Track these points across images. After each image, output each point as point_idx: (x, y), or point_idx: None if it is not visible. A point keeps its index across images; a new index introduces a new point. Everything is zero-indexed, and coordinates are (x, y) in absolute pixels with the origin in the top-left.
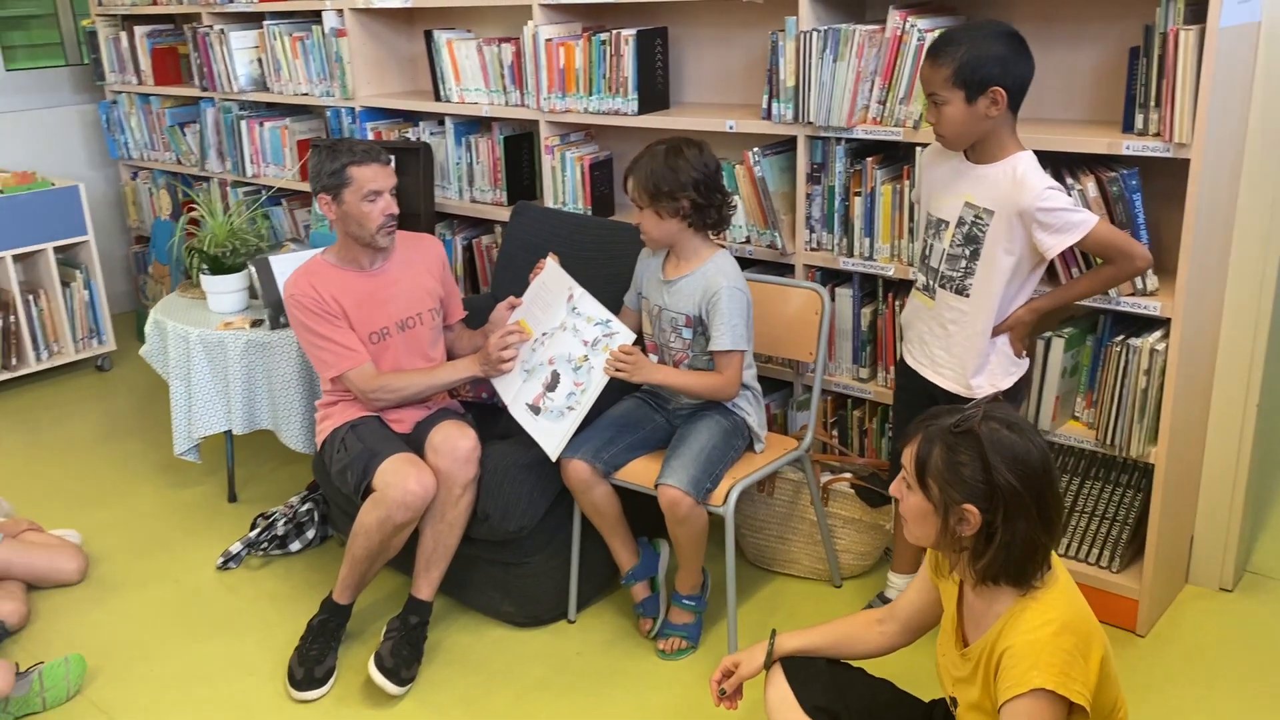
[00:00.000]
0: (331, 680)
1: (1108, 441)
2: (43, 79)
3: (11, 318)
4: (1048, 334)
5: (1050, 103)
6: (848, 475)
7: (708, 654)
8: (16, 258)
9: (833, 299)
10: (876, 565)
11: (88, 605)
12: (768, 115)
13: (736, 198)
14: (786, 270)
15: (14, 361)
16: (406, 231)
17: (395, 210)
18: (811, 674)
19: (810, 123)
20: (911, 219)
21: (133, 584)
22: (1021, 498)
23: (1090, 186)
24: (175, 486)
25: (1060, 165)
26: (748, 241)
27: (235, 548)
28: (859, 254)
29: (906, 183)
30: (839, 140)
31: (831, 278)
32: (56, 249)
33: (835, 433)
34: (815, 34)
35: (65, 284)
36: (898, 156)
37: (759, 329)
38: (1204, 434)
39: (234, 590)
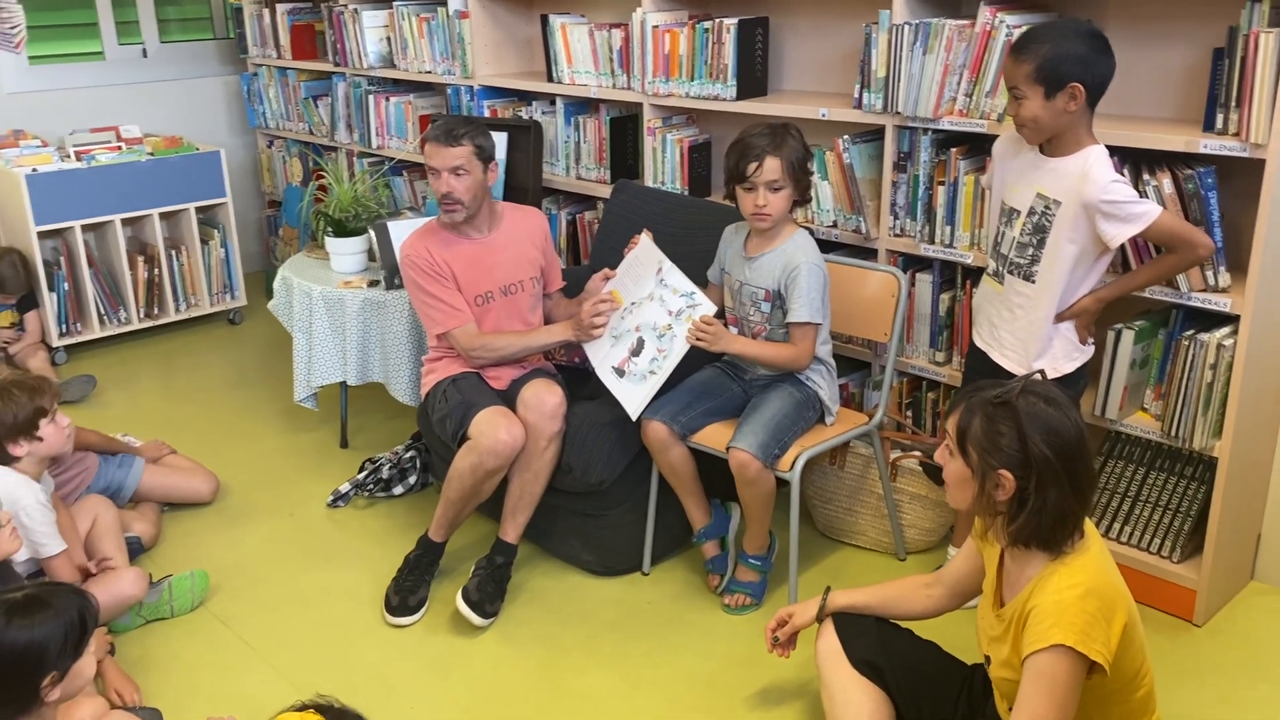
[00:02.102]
0: (423, 609)
1: (1172, 433)
2: (192, 51)
3: (156, 270)
4: (1119, 325)
5: (1139, 100)
6: (917, 453)
7: (770, 611)
8: (162, 215)
9: (913, 284)
10: (941, 541)
11: (213, 530)
12: (859, 105)
13: (825, 183)
14: (869, 254)
15: (156, 311)
16: (513, 204)
17: (454, 190)
18: (860, 630)
19: (899, 113)
20: None
21: (253, 515)
22: (1054, 467)
23: (1166, 183)
24: (294, 431)
25: (1140, 161)
26: (834, 225)
27: (344, 488)
28: (940, 241)
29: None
30: (925, 130)
31: (913, 263)
32: (198, 209)
33: (909, 413)
34: (907, 27)
35: (204, 242)
36: (981, 148)
37: (837, 308)
38: (1276, 432)
39: (341, 526)
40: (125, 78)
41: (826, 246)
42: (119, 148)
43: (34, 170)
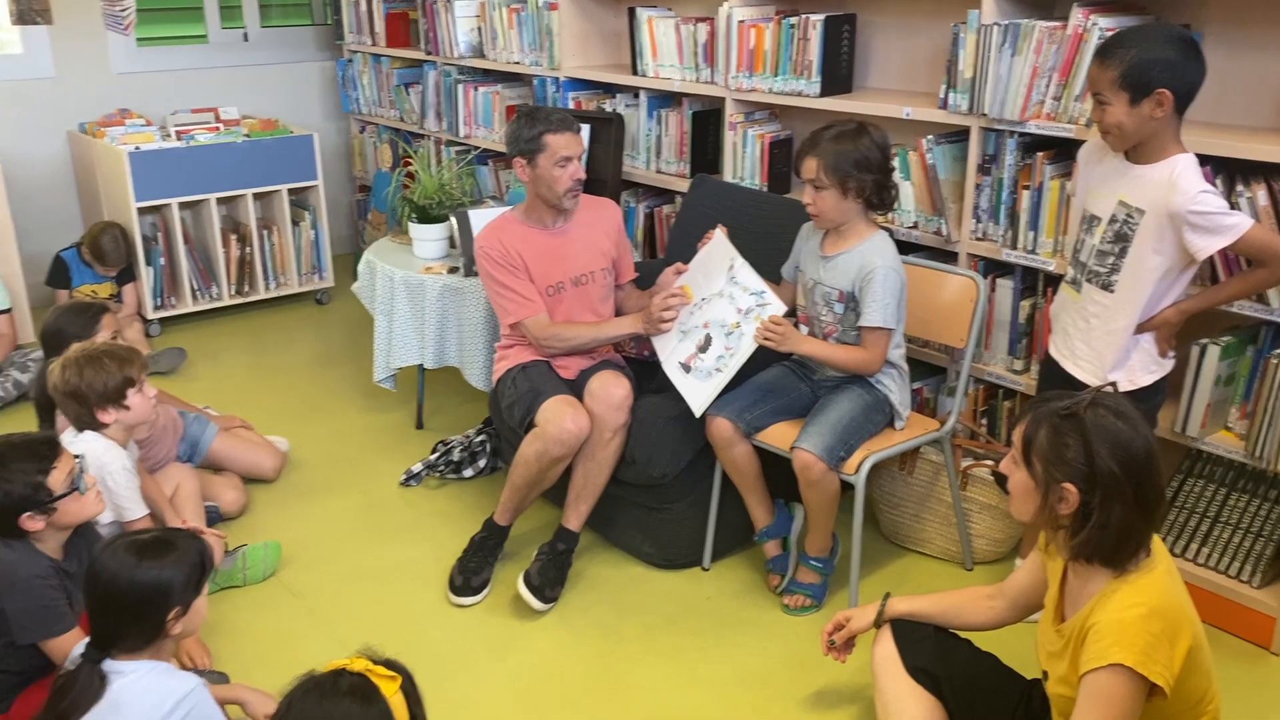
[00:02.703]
0: (486, 590)
1: (1257, 454)
2: (291, 36)
3: (248, 249)
4: (1204, 340)
5: (1236, 108)
6: (989, 462)
7: (829, 614)
8: (256, 196)
9: (992, 290)
10: (1010, 553)
11: (288, 503)
12: (944, 105)
13: (907, 183)
14: (950, 257)
15: (246, 288)
16: (588, 195)
17: (582, 176)
18: (918, 638)
19: (984, 114)
20: None
21: (327, 489)
22: (1121, 483)
23: (1260, 195)
24: (372, 410)
25: (1235, 172)
26: (915, 227)
27: (416, 468)
28: (1022, 246)
29: (1074, 180)
30: (1011, 133)
31: (993, 268)
32: (290, 191)
33: (984, 421)
34: (996, 27)
35: (295, 223)
36: (1069, 153)
37: (913, 311)
38: None
39: (411, 505)
40: (226, 60)
41: (906, 248)
42: (217, 128)
43: (137, 148)
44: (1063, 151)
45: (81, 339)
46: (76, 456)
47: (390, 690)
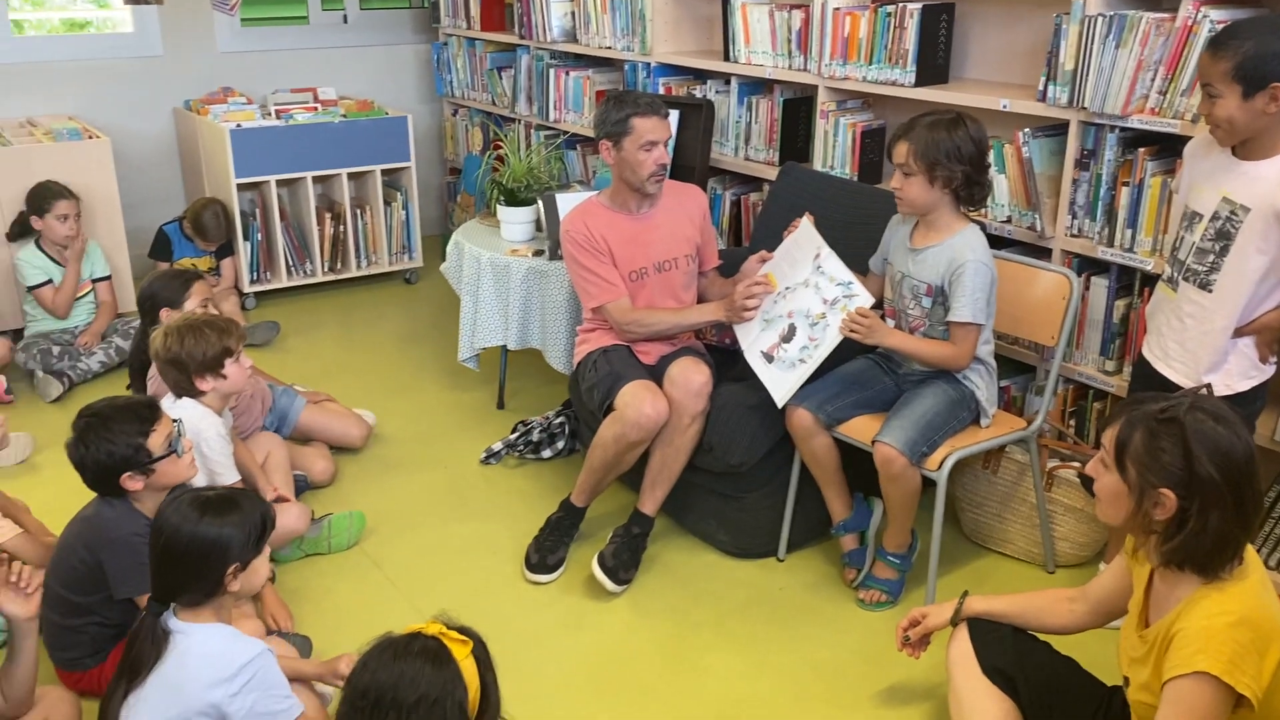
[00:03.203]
0: (561, 569)
1: None
2: (389, 19)
3: (341, 228)
4: None
5: None
6: (1076, 464)
7: (905, 611)
8: (350, 175)
9: (1086, 288)
10: (1094, 557)
11: (373, 475)
12: (1043, 97)
13: (1001, 177)
14: (1043, 254)
15: (339, 266)
16: (674, 181)
17: (667, 161)
18: (995, 637)
19: (1085, 108)
20: None
21: (410, 464)
22: (1220, 490)
23: None
24: (455, 389)
25: None
26: (1008, 221)
27: (496, 447)
28: (1119, 245)
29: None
30: (1112, 128)
31: (1088, 266)
32: (383, 171)
33: (1073, 422)
34: (1100, 19)
35: (387, 203)
36: (1173, 149)
37: (1004, 307)
38: None
39: (491, 482)
40: (326, 42)
41: (998, 243)
42: (315, 108)
43: (238, 126)
44: (1166, 148)
45: (172, 304)
46: (175, 421)
47: (462, 654)
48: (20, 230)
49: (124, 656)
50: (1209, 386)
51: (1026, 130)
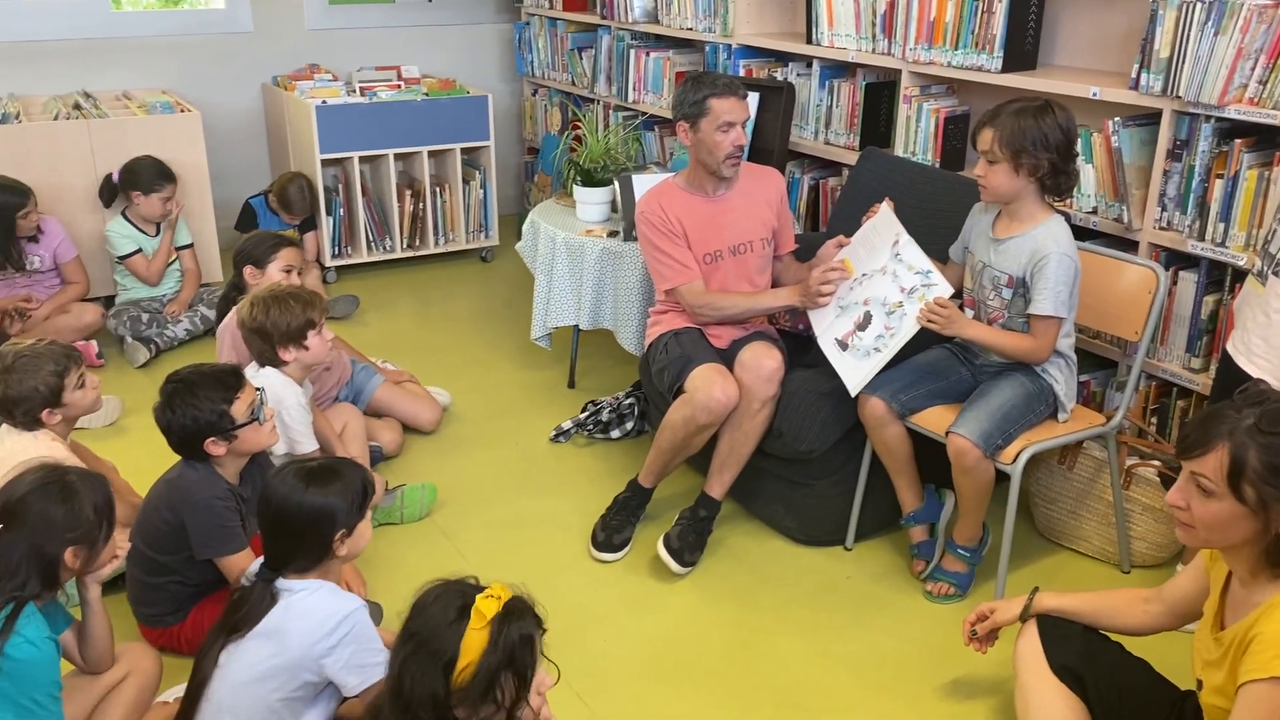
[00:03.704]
0: (626, 549)
1: None
2: None
3: (421, 205)
4: None
5: None
6: (1157, 463)
7: (972, 605)
8: (431, 153)
9: (1174, 282)
10: (1171, 559)
11: (445, 449)
12: (1135, 85)
13: (1088, 167)
14: (1130, 246)
15: (417, 242)
16: (752, 164)
17: (744, 142)
18: (1064, 635)
19: (1179, 97)
20: None
21: (482, 439)
22: None
23: None
24: (527, 367)
25: None
26: (1094, 212)
27: (566, 425)
28: (1210, 239)
29: (1278, 169)
30: (1208, 118)
31: (1176, 260)
32: (463, 150)
33: (1154, 420)
34: (1199, 4)
35: (466, 182)
36: (1271, 141)
37: (1086, 300)
38: None
39: (560, 460)
40: (411, 20)
41: (1083, 234)
42: (399, 86)
43: (323, 102)
44: (1264, 139)
45: (258, 263)
46: (257, 389)
47: (478, 624)
48: (111, 197)
49: (227, 614)
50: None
51: (1116, 119)
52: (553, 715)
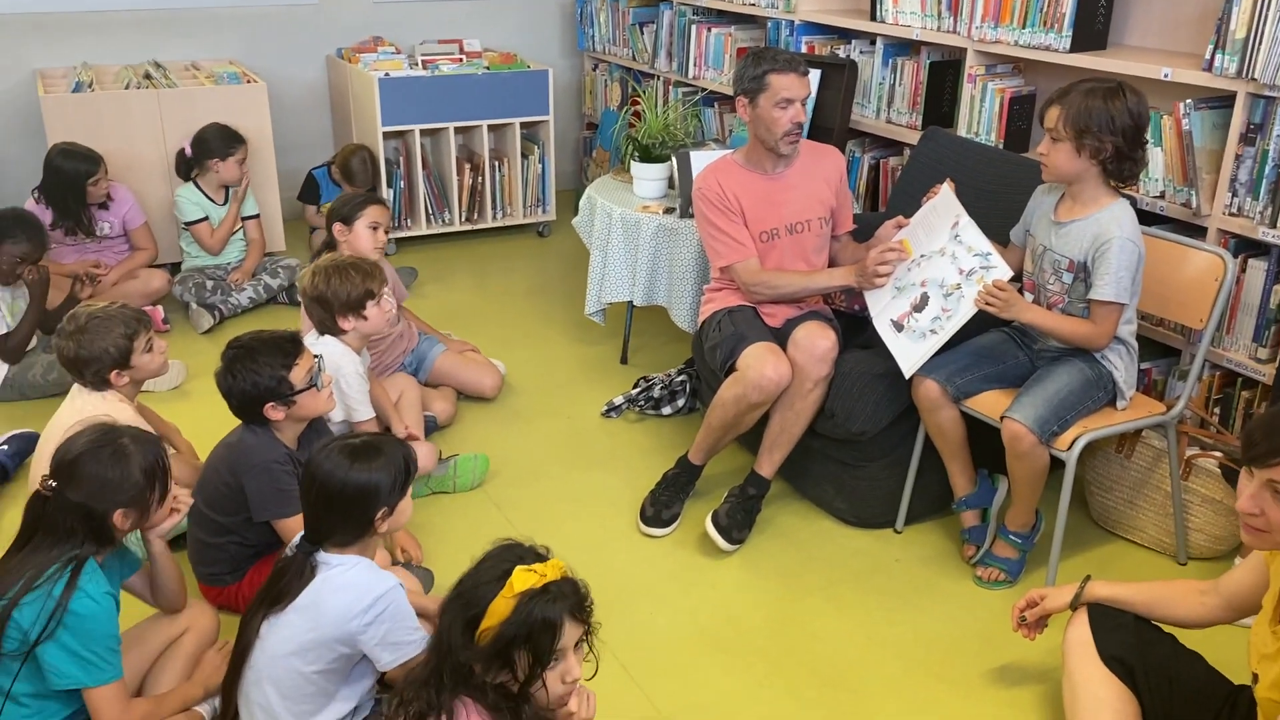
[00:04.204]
0: (675, 524)
1: None
2: None
3: (479, 179)
4: None
5: None
6: (1218, 454)
7: (1023, 592)
8: (490, 127)
9: (1242, 270)
10: (1229, 552)
11: (498, 421)
12: (1208, 67)
13: (1157, 150)
14: (1197, 232)
15: (475, 216)
16: (812, 141)
17: (802, 120)
18: (1115, 625)
19: (1254, 79)
20: None
21: (534, 412)
22: None
23: None
24: (581, 342)
25: None
26: (1161, 196)
27: (618, 401)
28: None
29: None
30: None
31: (1246, 247)
32: (522, 124)
33: (1217, 411)
34: None
35: (524, 156)
36: None
37: (1150, 287)
38: None
39: (611, 435)
40: None
41: (1149, 219)
42: (460, 60)
43: (386, 75)
44: None
45: (346, 220)
46: (316, 357)
47: (507, 592)
48: (188, 171)
49: (269, 584)
50: None
51: (1188, 101)
52: (587, 712)
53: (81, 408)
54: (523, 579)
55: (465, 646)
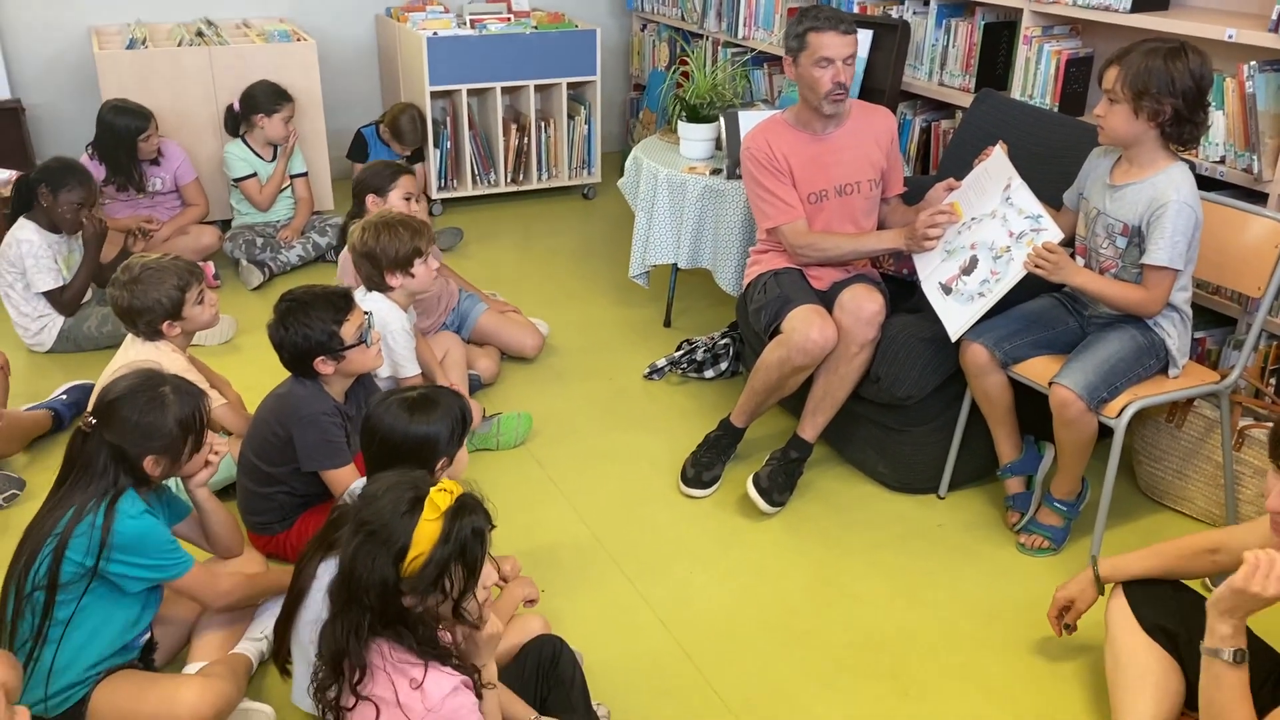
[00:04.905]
0: (715, 486)
1: None
2: None
3: (526, 140)
4: None
5: None
6: (1271, 424)
7: (1067, 561)
8: (537, 88)
9: None
10: None
11: (541, 381)
12: (1275, 28)
13: (1219, 113)
14: (1259, 199)
15: (521, 178)
16: (863, 102)
17: (845, 79)
18: (1156, 595)
19: None
20: None
21: (578, 373)
22: None
23: None
24: (624, 304)
25: None
26: (1222, 161)
27: (660, 363)
28: None
29: None
30: None
31: None
32: (569, 85)
33: (1273, 381)
34: None
35: (570, 117)
36: None
37: (1207, 254)
38: None
39: (653, 397)
40: None
41: (1208, 184)
42: (508, 19)
43: (434, 34)
44: None
45: (379, 191)
46: (365, 313)
47: (431, 514)
48: (235, 126)
49: (325, 530)
50: None
51: (1252, 63)
52: (494, 615)
53: (135, 358)
54: (442, 499)
55: (398, 582)
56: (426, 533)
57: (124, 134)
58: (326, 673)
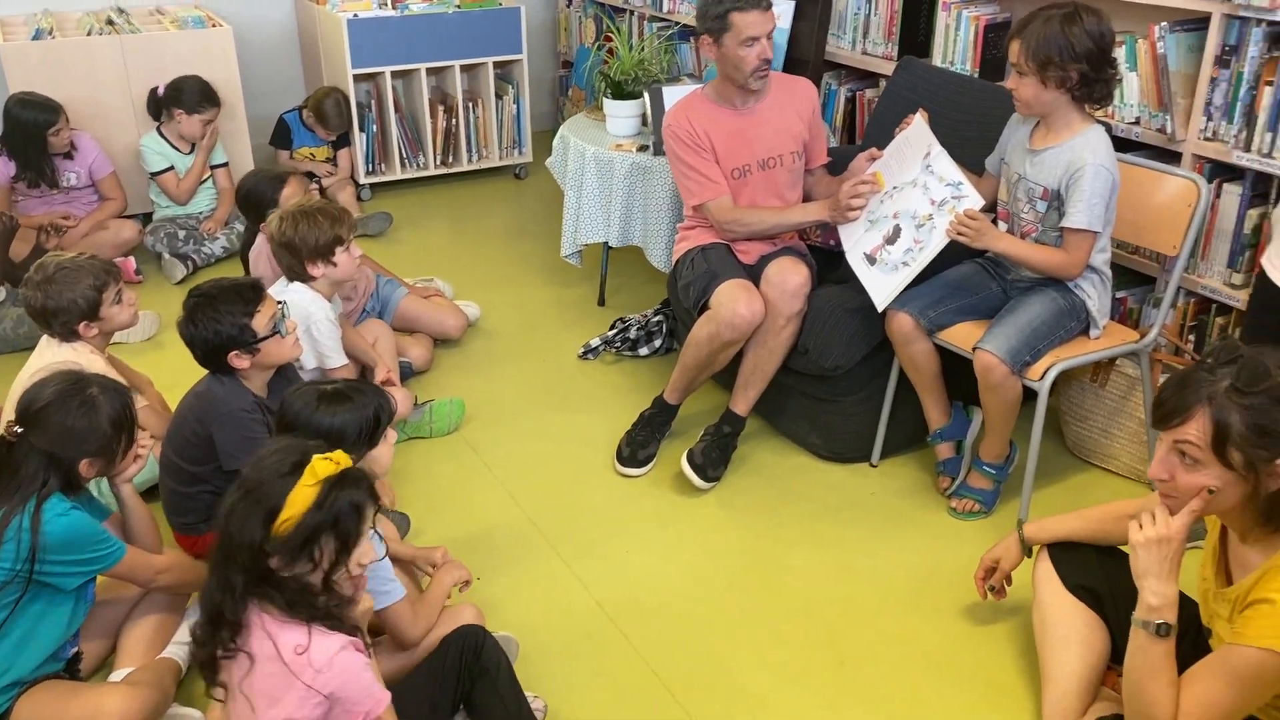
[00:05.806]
0: (651, 464)
1: None
2: None
3: (454, 121)
4: None
5: None
6: None
7: (998, 522)
8: (463, 68)
9: (1217, 195)
10: None
11: (474, 365)
12: None
13: (1132, 75)
14: (1173, 158)
15: (450, 159)
16: (783, 74)
17: (770, 55)
18: (1079, 558)
19: (1229, 0)
20: None
21: (511, 355)
22: None
23: None
24: (557, 285)
25: None
26: (1136, 122)
27: (594, 342)
28: (1257, 149)
29: None
30: (1259, 22)
31: (1221, 172)
32: (495, 64)
33: (1192, 338)
34: None
35: (499, 97)
36: None
37: (1125, 214)
38: None
39: (587, 377)
40: None
41: (1124, 145)
42: None
43: (354, 15)
44: None
45: (276, 204)
46: (279, 302)
47: (309, 480)
48: (158, 111)
49: None
50: None
51: (1163, 24)
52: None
53: (52, 359)
54: (324, 466)
55: (264, 542)
56: (301, 497)
57: (32, 128)
58: (205, 630)
